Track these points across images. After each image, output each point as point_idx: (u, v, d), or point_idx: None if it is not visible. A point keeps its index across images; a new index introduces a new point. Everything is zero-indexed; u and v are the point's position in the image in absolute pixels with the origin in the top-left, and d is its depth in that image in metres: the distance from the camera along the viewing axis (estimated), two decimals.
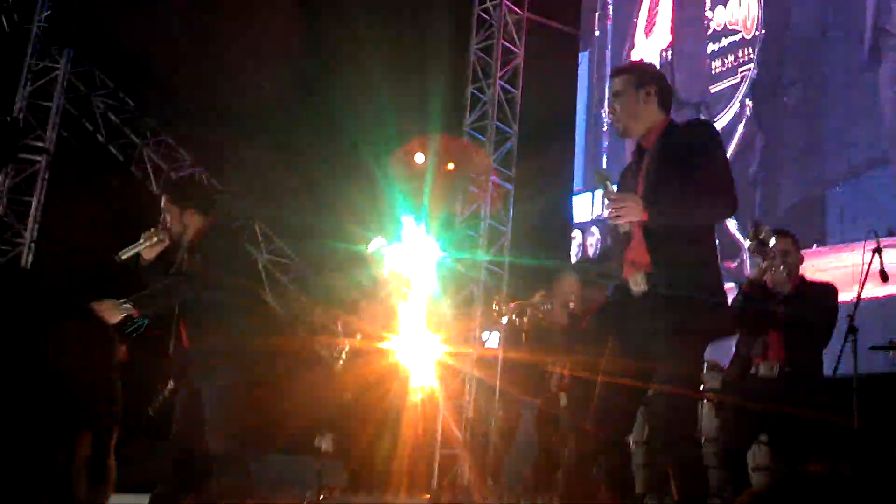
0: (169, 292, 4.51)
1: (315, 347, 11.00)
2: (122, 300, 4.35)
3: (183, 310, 4.59)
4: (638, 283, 3.65)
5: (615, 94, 3.94)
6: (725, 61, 9.66)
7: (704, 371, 6.10)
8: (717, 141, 3.85)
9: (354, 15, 11.04)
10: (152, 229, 4.61)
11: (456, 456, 9.53)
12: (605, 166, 10.40)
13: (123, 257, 4.54)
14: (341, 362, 7.57)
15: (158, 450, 5.03)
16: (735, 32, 9.62)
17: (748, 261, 8.11)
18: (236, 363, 4.53)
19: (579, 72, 11.49)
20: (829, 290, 5.44)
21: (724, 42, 9.71)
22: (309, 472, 8.06)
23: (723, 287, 3.78)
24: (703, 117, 8.99)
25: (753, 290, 5.37)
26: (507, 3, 10.93)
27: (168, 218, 4.65)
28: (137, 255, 4.56)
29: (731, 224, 9.06)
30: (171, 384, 4.69)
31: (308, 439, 8.84)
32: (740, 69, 9.47)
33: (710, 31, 9.88)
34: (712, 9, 9.90)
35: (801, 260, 5.47)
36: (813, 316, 5.25)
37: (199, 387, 4.53)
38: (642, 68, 4.14)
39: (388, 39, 10.99)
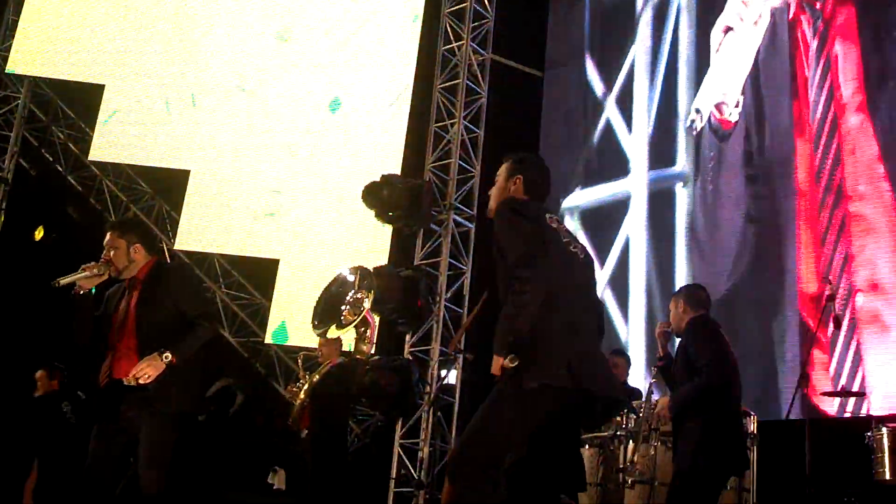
0: (199, 336, 4.60)
1: (271, 382, 10.92)
2: (160, 350, 4.42)
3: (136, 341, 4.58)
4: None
5: None
6: None
7: None
8: None
9: None
10: (93, 262, 4.67)
11: (411, 494, 9.47)
12: (562, 205, 10.47)
13: (61, 283, 4.57)
14: (301, 398, 7.45)
15: None
16: None
17: None
18: (192, 392, 4.64)
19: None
20: (691, 323, 5.29)
21: None
22: None
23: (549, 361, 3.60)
24: None
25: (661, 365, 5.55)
26: (472, 43, 11.01)
27: (112, 253, 4.70)
28: (73, 283, 4.57)
29: None
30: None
31: (261, 476, 8.76)
32: None
33: None
34: None
35: (682, 310, 5.33)
36: (687, 352, 5.24)
37: (137, 419, 4.50)
38: None
39: None
